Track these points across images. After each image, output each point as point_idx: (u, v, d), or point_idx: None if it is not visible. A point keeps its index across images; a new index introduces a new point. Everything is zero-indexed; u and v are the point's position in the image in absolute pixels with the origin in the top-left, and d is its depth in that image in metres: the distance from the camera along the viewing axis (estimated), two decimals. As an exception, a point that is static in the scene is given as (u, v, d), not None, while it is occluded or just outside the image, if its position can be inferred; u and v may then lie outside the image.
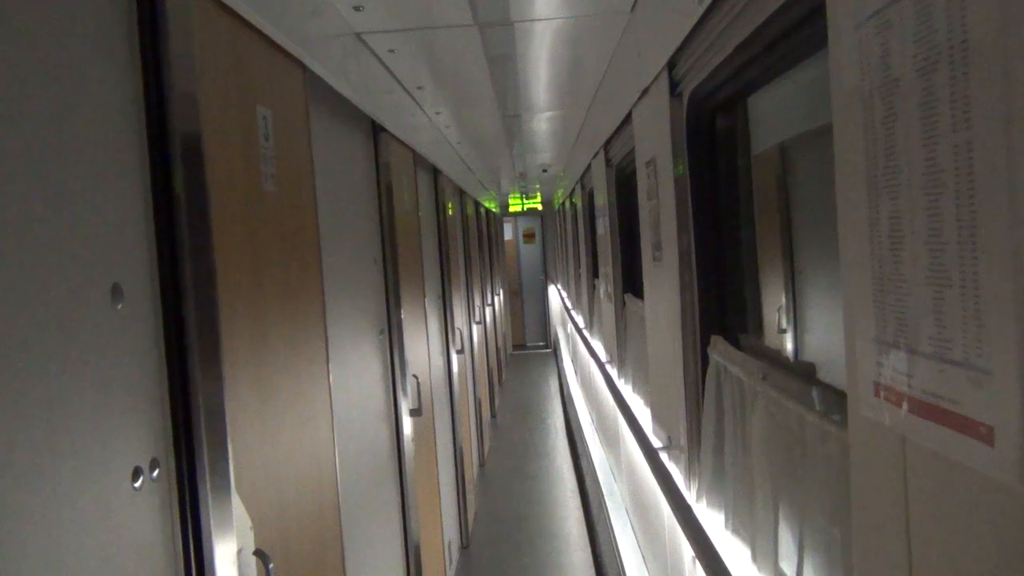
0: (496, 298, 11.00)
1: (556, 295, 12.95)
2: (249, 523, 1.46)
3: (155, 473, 1.20)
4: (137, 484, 1.15)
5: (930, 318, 0.82)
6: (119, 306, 1.13)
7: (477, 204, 8.67)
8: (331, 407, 2.12)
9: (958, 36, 0.74)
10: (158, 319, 1.24)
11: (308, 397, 1.94)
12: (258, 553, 1.46)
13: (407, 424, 3.30)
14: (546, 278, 14.96)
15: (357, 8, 2.40)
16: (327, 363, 2.12)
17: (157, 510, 1.21)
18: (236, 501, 1.38)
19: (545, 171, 8.79)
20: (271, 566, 1.46)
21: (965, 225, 0.75)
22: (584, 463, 6.60)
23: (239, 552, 1.39)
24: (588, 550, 5.25)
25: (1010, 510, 0.73)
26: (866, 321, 0.96)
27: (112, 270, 1.13)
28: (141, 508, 1.16)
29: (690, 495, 2.38)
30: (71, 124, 1.06)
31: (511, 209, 14.15)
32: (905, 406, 0.88)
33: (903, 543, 0.93)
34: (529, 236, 15.21)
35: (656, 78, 2.43)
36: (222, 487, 1.32)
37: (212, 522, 1.29)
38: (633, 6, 2.66)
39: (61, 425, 0.99)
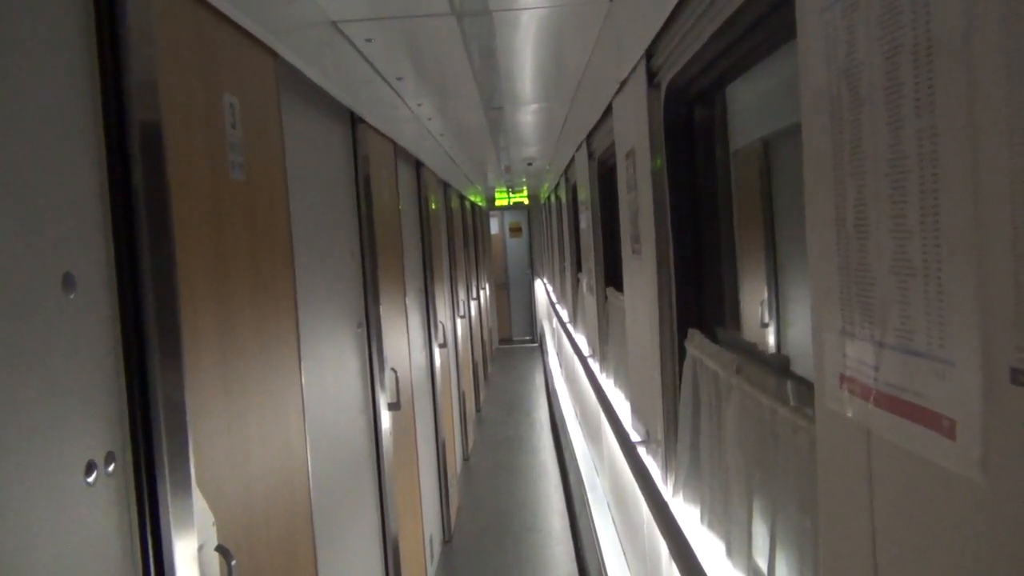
0: (482, 292, 10.96)
1: (542, 289, 12.93)
2: (212, 518, 1.43)
3: (111, 467, 1.17)
4: (91, 479, 1.12)
5: (895, 308, 0.80)
6: (72, 296, 1.10)
7: (462, 198, 8.63)
8: (303, 400, 2.09)
9: (922, 17, 0.72)
10: (114, 310, 1.21)
11: (278, 390, 1.91)
12: (220, 549, 1.43)
13: (385, 418, 3.27)
14: (532, 272, 14.94)
15: (332, -5, 2.36)
16: (299, 356, 2.09)
17: (113, 505, 1.18)
18: (197, 496, 1.35)
19: (530, 165, 8.76)
20: (233, 563, 1.43)
21: (928, 212, 0.73)
22: (567, 457, 6.60)
23: (200, 548, 1.36)
24: (571, 544, 5.25)
25: (973, 505, 0.71)
26: (832, 312, 0.94)
27: (64, 259, 1.10)
28: (96, 503, 1.13)
29: (667, 490, 2.37)
30: (21, 108, 1.03)
31: (497, 203, 14.11)
32: (870, 399, 0.86)
33: (868, 537, 0.91)
34: (515, 230, 15.17)
35: (634, 69, 2.41)
36: (182, 482, 1.29)
37: (172, 517, 1.26)
38: (612, -5, 2.64)
39: (6, 418, 0.95)
